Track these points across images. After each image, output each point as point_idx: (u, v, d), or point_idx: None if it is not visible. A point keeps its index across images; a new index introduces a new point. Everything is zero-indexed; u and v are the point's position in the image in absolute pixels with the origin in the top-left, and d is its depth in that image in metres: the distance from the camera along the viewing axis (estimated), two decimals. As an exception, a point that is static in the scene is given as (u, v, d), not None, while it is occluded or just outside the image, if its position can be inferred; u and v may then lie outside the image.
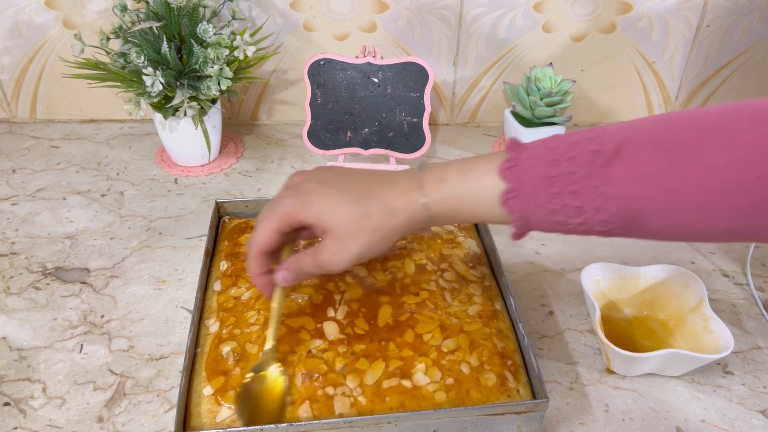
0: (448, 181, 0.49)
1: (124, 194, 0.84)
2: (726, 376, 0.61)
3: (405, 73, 0.81)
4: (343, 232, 0.48)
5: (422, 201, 0.49)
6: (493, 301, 0.62)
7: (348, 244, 0.48)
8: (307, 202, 0.49)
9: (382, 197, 0.49)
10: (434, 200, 0.49)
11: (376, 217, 0.48)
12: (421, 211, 0.49)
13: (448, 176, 0.49)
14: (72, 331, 0.64)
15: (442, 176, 0.49)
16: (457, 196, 0.48)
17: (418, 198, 0.49)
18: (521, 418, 0.52)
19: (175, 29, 0.79)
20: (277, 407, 0.51)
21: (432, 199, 0.49)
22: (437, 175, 0.49)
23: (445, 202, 0.49)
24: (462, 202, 0.48)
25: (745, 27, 0.92)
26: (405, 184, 0.50)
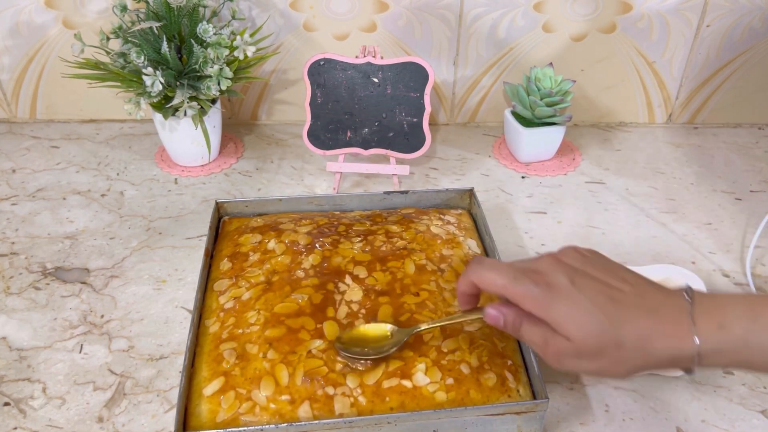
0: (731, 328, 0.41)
1: (124, 194, 0.84)
2: (726, 376, 0.61)
3: (405, 73, 0.81)
4: (582, 348, 0.42)
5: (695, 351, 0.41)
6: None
7: (583, 359, 0.43)
8: (553, 304, 0.43)
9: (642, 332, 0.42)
10: (712, 350, 0.41)
11: (627, 354, 0.42)
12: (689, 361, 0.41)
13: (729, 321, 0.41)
14: (72, 331, 0.64)
15: (723, 320, 0.41)
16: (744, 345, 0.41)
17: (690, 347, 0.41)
18: (521, 418, 0.52)
19: (175, 29, 0.79)
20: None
21: (710, 348, 0.41)
22: (716, 318, 0.41)
23: (728, 353, 0.41)
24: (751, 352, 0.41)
25: (745, 27, 0.92)
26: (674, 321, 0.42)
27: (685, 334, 0.41)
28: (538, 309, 0.44)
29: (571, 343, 0.43)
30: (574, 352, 0.43)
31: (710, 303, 0.42)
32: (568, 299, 0.43)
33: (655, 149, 0.96)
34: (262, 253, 0.65)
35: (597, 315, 0.42)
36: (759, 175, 0.90)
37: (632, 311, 0.43)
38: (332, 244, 0.66)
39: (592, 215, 0.81)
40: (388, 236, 0.67)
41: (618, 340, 0.42)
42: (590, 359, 0.43)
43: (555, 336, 0.43)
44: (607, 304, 0.43)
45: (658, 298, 0.44)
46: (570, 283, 0.43)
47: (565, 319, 0.43)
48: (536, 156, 0.90)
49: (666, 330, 0.42)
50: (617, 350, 0.42)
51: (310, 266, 0.63)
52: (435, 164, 0.91)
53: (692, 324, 0.41)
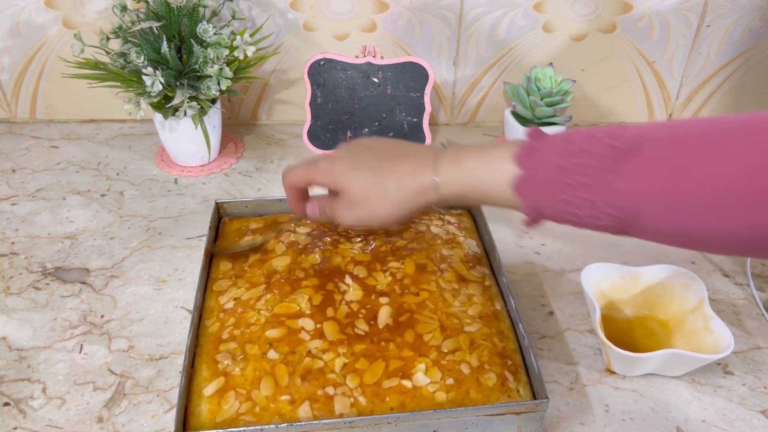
0: (462, 162, 0.50)
1: (124, 194, 0.84)
2: (726, 376, 0.61)
3: (405, 73, 0.81)
4: (352, 195, 0.54)
5: (434, 181, 0.51)
6: (493, 301, 0.62)
7: (357, 207, 0.54)
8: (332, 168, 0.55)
9: (396, 172, 0.52)
10: (446, 181, 0.50)
11: (384, 189, 0.52)
12: (431, 191, 0.51)
13: (463, 158, 0.50)
14: (72, 331, 0.64)
15: (458, 158, 0.51)
16: (470, 178, 0.50)
17: (430, 177, 0.51)
18: (521, 418, 0.52)
19: (175, 29, 0.79)
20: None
21: (444, 180, 0.50)
22: (454, 157, 0.51)
23: (458, 183, 0.50)
24: (474, 185, 0.50)
25: (745, 27, 0.92)
26: (420, 161, 0.52)
27: (427, 169, 0.51)
28: (321, 178, 0.56)
29: (344, 196, 0.54)
30: (348, 202, 0.54)
31: (456, 148, 0.52)
32: (345, 163, 0.55)
33: (655, 149, 0.95)
34: (262, 254, 0.65)
35: (361, 168, 0.54)
36: (759, 175, 0.90)
37: (391, 161, 0.53)
38: (332, 244, 0.66)
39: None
40: (388, 236, 0.67)
41: (376, 182, 0.53)
42: (360, 205, 0.54)
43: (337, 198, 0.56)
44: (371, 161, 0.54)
45: (414, 149, 0.55)
46: (347, 153, 0.55)
47: (338, 176, 0.54)
48: (536, 156, 0.90)
49: (414, 167, 0.52)
50: (376, 190, 0.53)
51: (310, 266, 0.63)
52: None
53: (435, 162, 0.51)
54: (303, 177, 0.58)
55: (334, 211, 0.56)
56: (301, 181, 0.58)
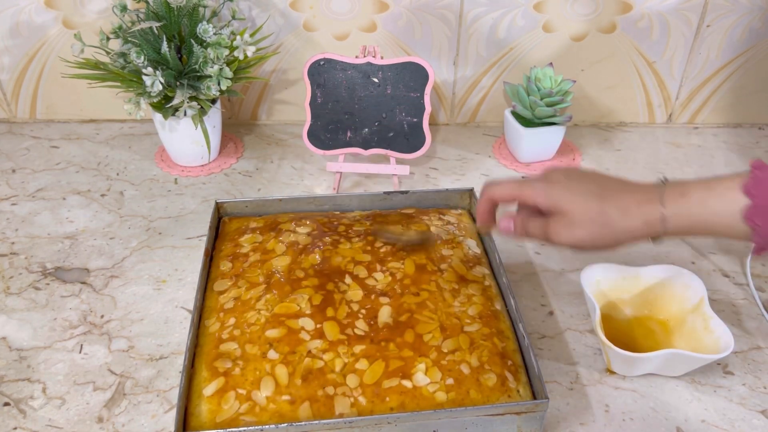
0: (690, 195, 0.51)
1: (124, 194, 0.84)
2: (726, 376, 0.61)
3: (405, 73, 0.81)
4: (576, 217, 0.52)
5: (661, 213, 0.51)
6: (493, 301, 0.62)
7: (577, 228, 0.53)
8: (552, 189, 0.54)
9: (621, 201, 0.52)
10: (673, 214, 0.51)
11: (610, 216, 0.52)
12: (658, 223, 0.52)
13: (689, 191, 0.51)
14: (72, 331, 0.64)
15: (684, 191, 0.52)
16: (698, 210, 0.51)
17: (657, 209, 0.51)
18: (521, 418, 0.52)
19: (175, 29, 0.79)
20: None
21: (671, 212, 0.51)
22: (679, 189, 0.52)
23: (685, 216, 0.51)
24: (703, 216, 0.51)
25: (745, 27, 0.92)
26: (645, 193, 0.53)
27: (654, 202, 0.52)
28: (541, 198, 0.54)
29: (565, 216, 0.53)
30: (567, 222, 0.53)
31: (678, 182, 0.53)
32: (563, 186, 0.54)
33: (655, 149, 0.96)
34: (262, 253, 0.65)
35: (585, 193, 0.53)
36: (759, 175, 0.90)
37: (615, 191, 0.53)
38: (332, 244, 0.66)
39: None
40: (388, 236, 0.67)
41: (603, 209, 0.52)
42: (582, 227, 0.52)
43: (553, 217, 0.54)
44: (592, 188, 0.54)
45: (635, 184, 0.55)
46: (565, 178, 0.55)
47: (560, 198, 0.53)
48: (536, 156, 0.90)
49: (640, 199, 0.52)
50: (602, 216, 0.52)
51: (310, 266, 0.63)
52: (435, 164, 0.91)
53: (660, 195, 0.52)
54: (511, 193, 0.56)
55: (548, 229, 0.54)
56: (508, 196, 0.57)
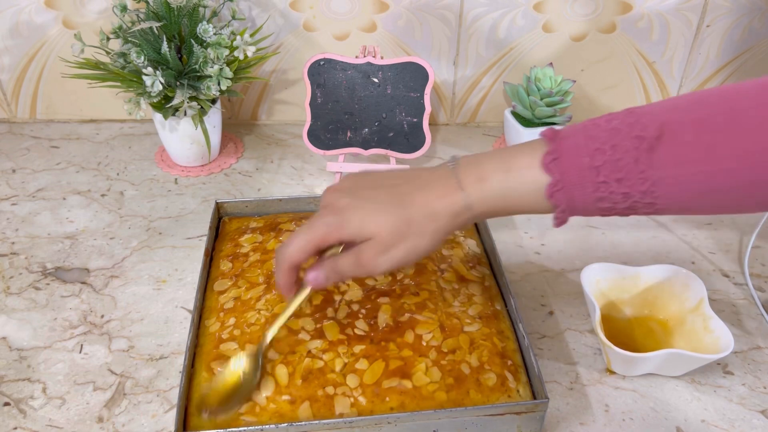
0: (489, 180, 0.48)
1: (124, 194, 0.84)
2: (726, 376, 0.61)
3: (405, 73, 0.81)
4: (385, 238, 0.48)
5: (465, 202, 0.49)
6: (493, 301, 0.62)
7: (391, 249, 0.48)
8: (346, 219, 0.49)
9: (422, 202, 0.49)
10: (477, 199, 0.49)
11: (418, 223, 0.48)
12: (464, 212, 0.49)
13: (487, 174, 0.49)
14: (72, 331, 0.64)
15: (481, 175, 0.49)
16: (501, 193, 0.48)
17: (460, 199, 0.49)
18: (521, 418, 0.52)
19: (175, 29, 0.79)
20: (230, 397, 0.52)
21: (474, 198, 0.49)
22: (475, 173, 0.49)
23: (488, 200, 0.49)
24: (506, 199, 0.49)
25: (745, 27, 0.92)
26: (443, 185, 0.49)
27: (455, 191, 0.49)
28: (339, 233, 0.49)
29: (375, 241, 0.48)
30: (380, 247, 0.48)
31: (472, 164, 0.50)
32: (354, 209, 0.49)
33: (655, 149, 0.95)
34: (262, 253, 0.65)
35: (384, 209, 0.49)
36: (759, 175, 0.90)
37: (409, 193, 0.49)
38: (332, 244, 0.66)
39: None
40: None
41: (407, 217, 0.48)
42: (396, 246, 0.48)
43: (360, 247, 0.49)
44: (386, 198, 0.49)
45: (425, 175, 0.51)
46: (351, 199, 0.50)
47: (360, 224, 0.48)
48: (536, 156, 0.90)
49: (439, 193, 0.49)
50: (410, 226, 0.48)
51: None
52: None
53: (458, 182, 0.49)
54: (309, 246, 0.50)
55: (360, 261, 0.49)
56: (308, 252, 0.50)
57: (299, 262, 0.51)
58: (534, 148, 0.48)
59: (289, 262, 0.51)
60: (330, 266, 0.51)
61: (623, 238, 0.78)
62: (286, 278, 0.51)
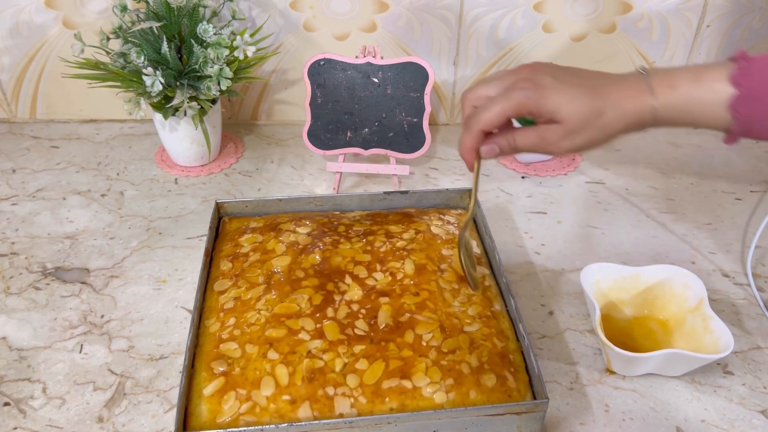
0: (678, 87, 0.52)
1: (124, 194, 0.84)
2: (726, 376, 0.61)
3: (405, 73, 0.81)
4: (575, 125, 0.52)
5: (652, 105, 0.52)
6: (493, 301, 0.62)
7: (577, 135, 0.52)
8: (546, 96, 0.52)
9: (615, 97, 0.52)
10: (663, 105, 0.52)
11: (608, 117, 0.52)
12: (649, 115, 0.53)
13: (677, 82, 0.52)
14: (72, 331, 0.64)
15: (672, 82, 0.52)
16: (687, 101, 0.52)
17: (649, 101, 0.52)
18: (521, 418, 0.52)
19: (175, 29, 0.79)
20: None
21: (662, 103, 0.52)
22: (667, 81, 0.53)
23: (674, 107, 0.52)
24: (690, 107, 0.52)
25: (745, 27, 0.92)
26: (635, 86, 0.53)
27: (645, 94, 0.52)
28: (537, 107, 0.52)
29: (563, 125, 0.52)
30: (566, 131, 0.52)
31: (663, 72, 0.54)
32: (556, 90, 0.52)
33: (655, 149, 0.96)
34: (262, 253, 0.65)
35: (581, 95, 0.52)
36: (759, 175, 0.90)
37: (606, 86, 0.53)
38: (332, 244, 0.66)
39: (592, 215, 0.81)
40: (388, 236, 0.67)
41: (599, 109, 0.52)
42: (579, 133, 0.52)
43: (548, 127, 0.53)
44: (584, 86, 0.52)
45: (619, 76, 0.54)
46: (553, 79, 0.52)
47: (557, 106, 0.51)
48: (536, 156, 0.90)
49: (631, 93, 0.53)
50: (599, 118, 0.52)
51: (310, 266, 0.63)
52: (435, 164, 0.91)
53: (649, 87, 0.53)
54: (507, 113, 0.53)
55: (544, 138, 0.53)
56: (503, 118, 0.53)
57: (492, 127, 0.54)
58: (724, 65, 0.52)
59: (483, 125, 0.53)
60: (507, 140, 0.55)
61: (623, 238, 0.78)
62: (474, 141, 0.54)
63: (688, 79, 0.52)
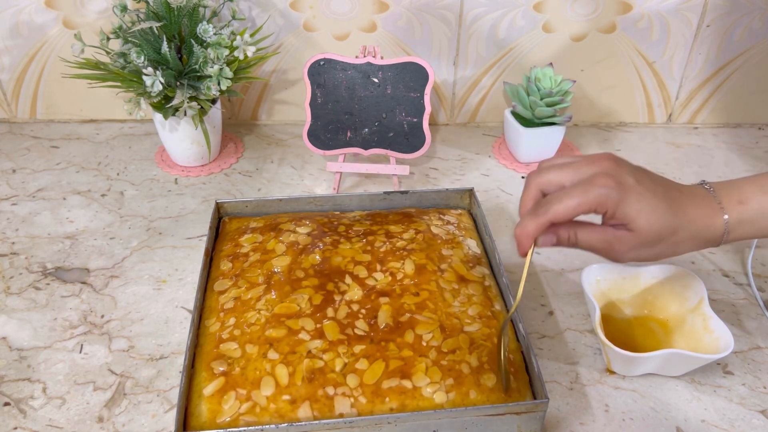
0: (749, 202, 0.51)
1: (124, 194, 0.84)
2: (726, 376, 0.61)
3: (405, 73, 0.81)
4: (648, 238, 0.49)
5: (725, 227, 0.51)
6: (493, 301, 0.62)
7: (646, 249, 0.50)
8: (626, 200, 0.48)
9: (690, 215, 0.50)
10: (736, 222, 0.51)
11: (681, 236, 0.50)
12: (721, 237, 0.51)
13: (747, 197, 0.51)
14: (72, 331, 0.64)
15: (741, 197, 0.51)
16: (760, 215, 0.51)
17: (721, 224, 0.51)
18: (521, 418, 0.52)
19: (175, 29, 0.79)
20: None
21: (734, 222, 0.51)
22: (737, 196, 0.51)
23: (747, 223, 0.51)
24: (760, 220, 0.51)
25: (745, 27, 0.92)
26: (707, 204, 0.51)
27: (717, 212, 0.51)
28: (612, 208, 0.48)
29: (635, 235, 0.49)
30: (637, 243, 0.49)
31: (727, 187, 0.52)
32: (637, 195, 0.48)
33: (655, 149, 0.96)
34: (262, 253, 0.65)
35: (661, 208, 0.49)
36: (759, 175, 0.90)
37: (681, 201, 0.50)
38: (332, 244, 0.66)
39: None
40: (388, 236, 0.67)
41: (675, 226, 0.49)
42: (650, 247, 0.50)
43: (618, 234, 0.50)
44: (664, 197, 0.49)
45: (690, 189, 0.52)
46: (636, 182, 0.49)
47: (636, 213, 0.48)
48: (536, 156, 0.90)
49: (705, 212, 0.50)
50: (673, 236, 0.50)
51: (310, 266, 0.63)
52: (435, 164, 0.91)
53: (719, 204, 0.51)
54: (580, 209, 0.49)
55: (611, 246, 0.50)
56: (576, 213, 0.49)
57: (563, 220, 0.50)
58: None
59: (554, 217, 0.49)
60: (568, 233, 0.51)
61: (623, 238, 0.78)
62: (539, 231, 0.50)
63: (758, 192, 0.51)
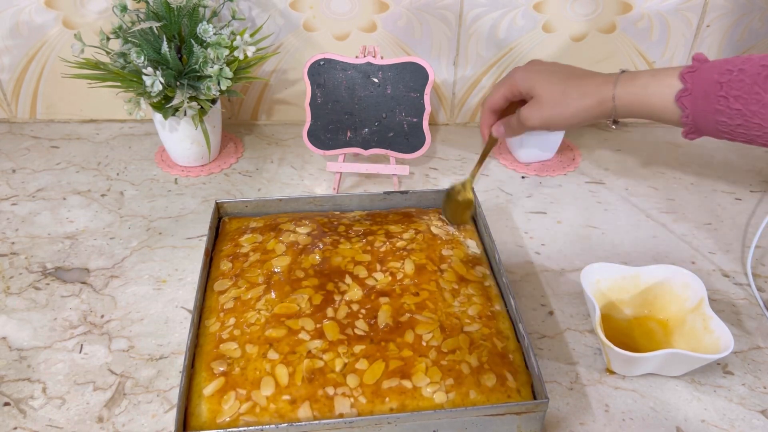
0: (637, 79, 0.62)
1: (124, 194, 0.84)
2: (726, 376, 0.61)
3: (405, 73, 0.81)
4: (543, 99, 0.67)
5: (612, 92, 0.63)
6: (493, 301, 0.62)
7: (544, 108, 0.67)
8: (531, 79, 0.68)
9: (581, 83, 0.65)
10: (622, 92, 0.62)
11: (570, 95, 0.66)
12: (608, 100, 0.64)
13: (638, 76, 0.62)
14: (72, 331, 0.64)
15: (634, 76, 0.63)
16: (642, 92, 0.61)
17: (610, 89, 0.63)
18: (521, 418, 0.52)
19: (175, 29, 0.79)
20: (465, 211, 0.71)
21: (620, 91, 0.62)
22: (631, 75, 0.63)
23: (631, 95, 0.62)
24: (644, 98, 0.61)
25: (745, 27, 0.92)
26: (603, 78, 0.65)
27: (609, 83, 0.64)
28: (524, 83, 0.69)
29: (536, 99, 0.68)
30: (537, 106, 0.68)
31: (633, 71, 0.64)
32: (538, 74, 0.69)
33: (655, 149, 0.96)
34: (262, 253, 0.65)
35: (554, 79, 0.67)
36: (759, 175, 0.90)
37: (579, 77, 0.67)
38: (332, 244, 0.66)
39: (592, 215, 0.82)
40: (388, 236, 0.67)
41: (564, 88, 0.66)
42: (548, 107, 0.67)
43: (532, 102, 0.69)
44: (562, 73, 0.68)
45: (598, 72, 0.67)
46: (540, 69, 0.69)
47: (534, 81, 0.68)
48: (536, 156, 0.90)
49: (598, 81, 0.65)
50: (563, 95, 0.66)
51: (310, 266, 0.63)
52: (435, 164, 0.91)
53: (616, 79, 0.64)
54: (503, 94, 0.71)
55: (520, 116, 0.69)
56: (503, 99, 0.72)
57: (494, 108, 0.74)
58: (681, 66, 0.60)
59: (490, 106, 0.74)
60: (505, 122, 0.74)
61: (623, 238, 0.78)
62: (485, 119, 0.75)
63: (648, 75, 0.62)
